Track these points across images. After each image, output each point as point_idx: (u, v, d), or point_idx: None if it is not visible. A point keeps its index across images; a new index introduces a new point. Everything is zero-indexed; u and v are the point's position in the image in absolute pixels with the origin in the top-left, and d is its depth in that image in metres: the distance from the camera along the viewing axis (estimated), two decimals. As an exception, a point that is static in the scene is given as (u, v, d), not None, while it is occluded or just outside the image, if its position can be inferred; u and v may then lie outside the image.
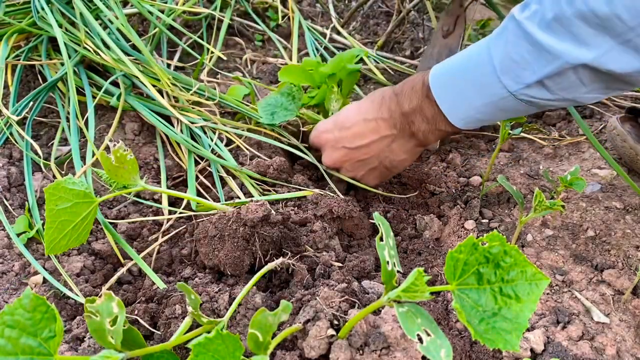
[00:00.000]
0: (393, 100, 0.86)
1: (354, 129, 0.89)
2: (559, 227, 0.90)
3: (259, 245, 0.75)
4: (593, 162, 1.06)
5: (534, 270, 0.52)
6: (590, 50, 0.63)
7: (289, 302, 0.57)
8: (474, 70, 0.75)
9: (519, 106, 0.73)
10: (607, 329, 0.73)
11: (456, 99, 0.78)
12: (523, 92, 0.71)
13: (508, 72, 0.70)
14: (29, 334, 0.49)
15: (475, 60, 0.74)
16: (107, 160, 0.71)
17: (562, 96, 0.70)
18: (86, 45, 1.11)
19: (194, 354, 0.49)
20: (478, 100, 0.75)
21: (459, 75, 0.77)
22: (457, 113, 0.79)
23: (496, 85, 0.72)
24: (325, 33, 1.48)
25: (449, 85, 0.78)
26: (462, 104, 0.77)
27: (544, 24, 0.65)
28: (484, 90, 0.74)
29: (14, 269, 0.80)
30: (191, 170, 0.97)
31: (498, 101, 0.73)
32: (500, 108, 0.75)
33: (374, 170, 0.92)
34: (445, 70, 0.79)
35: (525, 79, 0.69)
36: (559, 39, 0.64)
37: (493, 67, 0.71)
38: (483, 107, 0.75)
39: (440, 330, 0.51)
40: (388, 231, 0.58)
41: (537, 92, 0.70)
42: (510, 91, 0.71)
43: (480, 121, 0.79)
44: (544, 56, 0.66)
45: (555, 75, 0.67)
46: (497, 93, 0.73)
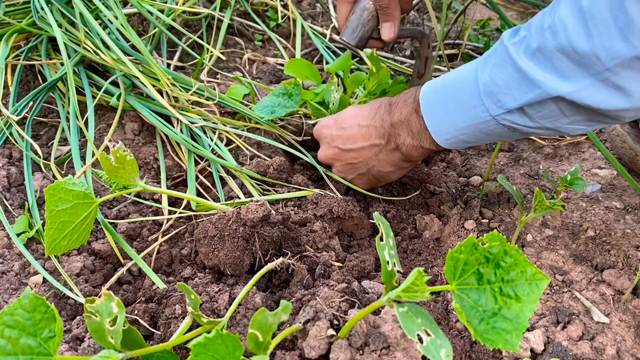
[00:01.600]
0: (387, 110, 0.86)
1: (348, 131, 0.90)
2: (559, 227, 0.90)
3: (259, 245, 0.75)
4: (593, 162, 1.06)
5: (534, 270, 0.52)
6: (571, 84, 0.63)
7: (289, 302, 0.57)
8: (460, 90, 0.75)
9: (501, 131, 0.73)
10: (607, 329, 0.73)
11: (443, 117, 0.78)
12: (504, 117, 0.71)
13: (491, 95, 0.70)
14: (28, 334, 0.49)
15: (464, 80, 0.75)
16: (107, 160, 0.71)
17: (543, 125, 0.70)
18: (86, 45, 1.11)
19: (194, 354, 0.49)
20: (462, 122, 0.75)
21: (447, 93, 0.77)
22: (442, 132, 0.78)
23: (479, 108, 0.72)
24: (325, 33, 1.48)
25: (437, 102, 0.78)
26: (447, 123, 0.77)
27: (529, 52, 0.65)
28: (468, 112, 0.74)
29: (14, 269, 0.80)
30: (191, 170, 0.97)
31: (480, 124, 0.73)
32: (483, 131, 0.75)
33: (363, 175, 0.93)
34: (435, 87, 0.79)
35: (507, 104, 0.69)
36: (541, 69, 0.64)
37: (477, 89, 0.72)
38: (467, 129, 0.75)
39: (440, 330, 0.51)
40: (388, 231, 0.58)
41: (519, 118, 0.70)
42: (492, 115, 0.71)
43: (465, 142, 0.78)
44: (525, 83, 0.66)
45: (535, 104, 0.67)
46: (479, 116, 0.73)
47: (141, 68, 1.10)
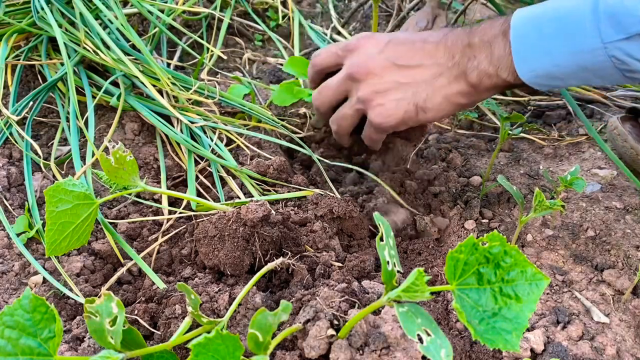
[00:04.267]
0: (464, 31, 0.75)
1: (407, 45, 0.77)
2: (559, 227, 0.90)
3: (259, 245, 0.75)
4: (593, 162, 1.06)
5: (534, 270, 0.52)
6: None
7: (289, 302, 0.57)
8: (569, 12, 0.65)
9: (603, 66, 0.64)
10: (607, 329, 0.73)
11: (536, 43, 0.67)
12: (618, 46, 0.62)
13: (612, 17, 0.61)
14: (28, 334, 0.49)
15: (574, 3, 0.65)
16: (107, 161, 0.71)
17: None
18: (85, 45, 1.11)
19: (194, 354, 0.49)
20: (561, 50, 0.66)
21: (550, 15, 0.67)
22: (530, 61, 0.68)
23: (590, 34, 0.63)
24: (325, 33, 1.48)
25: (532, 25, 0.68)
26: (539, 51, 0.67)
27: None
28: (573, 39, 0.65)
29: (14, 269, 0.80)
30: (191, 170, 0.97)
31: (584, 54, 0.64)
32: (581, 65, 0.66)
33: (400, 102, 0.77)
34: (534, 10, 0.69)
35: (630, 28, 0.61)
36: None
37: (596, 11, 0.63)
38: (564, 59, 0.66)
39: (440, 330, 0.51)
40: (388, 231, 0.58)
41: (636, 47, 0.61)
42: (604, 42, 0.62)
43: (551, 78, 0.69)
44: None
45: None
46: (586, 43, 0.64)
47: (141, 68, 1.10)
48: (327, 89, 0.85)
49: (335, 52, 0.83)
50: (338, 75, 0.83)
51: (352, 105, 0.82)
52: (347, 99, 0.84)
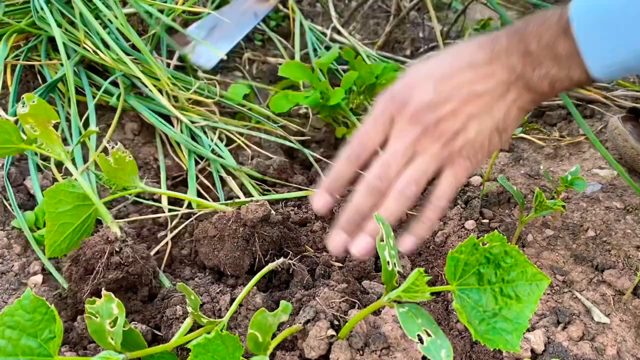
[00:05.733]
0: (513, 38, 0.66)
1: (460, 75, 0.66)
2: (559, 227, 0.90)
3: (259, 245, 0.75)
4: (593, 162, 1.06)
5: (535, 270, 0.52)
6: None
7: (289, 303, 0.57)
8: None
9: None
10: (607, 329, 0.73)
11: (608, 36, 0.60)
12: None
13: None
14: (29, 334, 0.49)
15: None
16: (106, 162, 0.71)
17: None
18: (85, 45, 1.11)
19: (194, 355, 0.49)
20: (636, 37, 0.58)
21: (620, 5, 0.59)
22: (602, 56, 0.61)
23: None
24: (325, 33, 1.48)
25: (600, 18, 0.60)
26: (613, 43, 0.60)
27: None
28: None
29: (14, 269, 0.80)
30: (192, 170, 0.97)
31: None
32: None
33: (482, 134, 0.66)
34: (597, 1, 0.61)
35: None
36: None
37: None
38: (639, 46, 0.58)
39: (440, 330, 0.51)
40: (388, 231, 0.58)
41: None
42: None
43: (627, 70, 0.62)
44: None
45: None
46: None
47: (141, 68, 1.10)
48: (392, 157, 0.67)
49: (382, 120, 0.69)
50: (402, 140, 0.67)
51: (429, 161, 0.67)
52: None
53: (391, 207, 0.66)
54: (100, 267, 0.67)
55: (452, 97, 0.66)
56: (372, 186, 0.67)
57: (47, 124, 0.70)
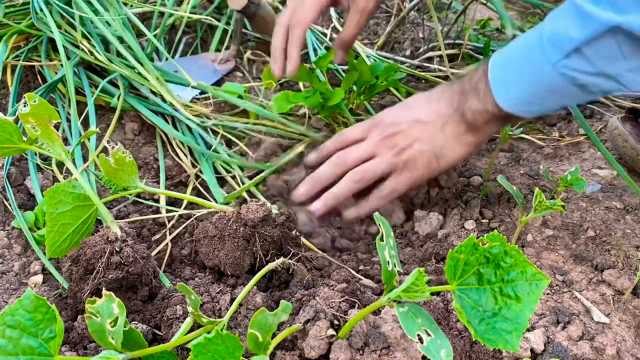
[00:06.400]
0: (457, 81, 0.86)
1: (417, 109, 0.88)
2: (559, 227, 0.90)
3: (259, 245, 0.75)
4: (593, 162, 1.06)
5: (534, 270, 0.52)
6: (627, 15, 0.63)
7: (289, 302, 0.58)
8: (527, 45, 0.76)
9: (561, 84, 0.72)
10: (607, 329, 0.73)
11: (507, 76, 0.78)
12: (564, 64, 0.70)
13: (551, 42, 0.71)
14: (29, 334, 0.49)
15: (531, 36, 0.75)
16: (106, 162, 0.71)
17: (602, 70, 0.69)
18: (83, 46, 1.12)
19: (194, 355, 0.49)
20: (525, 77, 0.75)
21: (515, 51, 0.78)
22: (505, 91, 0.78)
23: (541, 58, 0.72)
24: (325, 33, 1.48)
25: (504, 62, 0.79)
26: (511, 81, 0.77)
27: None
28: (531, 65, 0.74)
29: (14, 269, 0.80)
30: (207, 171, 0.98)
31: (542, 76, 0.73)
32: (546, 87, 0.74)
33: (422, 155, 0.86)
34: (505, 48, 0.80)
35: (565, 47, 0.69)
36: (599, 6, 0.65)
37: (542, 39, 0.72)
38: (529, 84, 0.75)
39: (440, 330, 0.51)
40: (388, 231, 0.58)
41: (577, 63, 0.69)
42: (552, 62, 0.71)
43: (528, 104, 0.77)
44: (582, 19, 0.67)
45: (593, 41, 0.67)
46: (541, 66, 0.73)
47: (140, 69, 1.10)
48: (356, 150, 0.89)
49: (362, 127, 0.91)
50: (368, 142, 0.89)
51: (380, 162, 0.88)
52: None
53: (340, 185, 0.87)
54: (100, 267, 0.67)
55: (406, 122, 0.87)
56: (333, 163, 0.89)
57: (48, 124, 0.70)
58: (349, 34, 0.99)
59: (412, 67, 1.38)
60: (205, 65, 1.29)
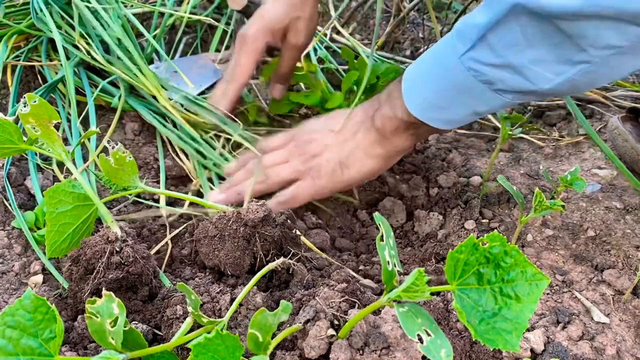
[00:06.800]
0: (379, 94, 0.85)
1: (336, 118, 0.89)
2: (559, 227, 0.90)
3: (260, 245, 0.75)
4: (593, 162, 1.06)
5: (534, 270, 0.52)
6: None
7: (289, 302, 0.58)
8: (441, 44, 0.74)
9: (468, 81, 0.69)
10: (607, 329, 0.73)
11: (416, 79, 0.76)
12: (470, 56, 0.68)
13: (460, 34, 0.69)
14: (29, 334, 0.49)
15: (447, 36, 0.74)
16: (106, 162, 0.71)
17: (507, 60, 0.66)
18: (81, 47, 1.12)
19: (194, 355, 0.49)
20: (434, 75, 0.73)
21: (429, 54, 0.76)
22: (414, 94, 0.75)
23: (450, 52, 0.70)
24: (325, 33, 1.48)
25: (418, 65, 0.77)
26: (421, 82, 0.75)
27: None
28: (440, 62, 0.72)
29: (14, 269, 0.80)
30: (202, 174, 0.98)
31: (449, 73, 0.70)
32: (452, 86, 0.71)
33: (328, 164, 0.85)
34: (424, 54, 0.78)
35: (472, 35, 0.67)
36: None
37: (452, 34, 0.71)
38: (437, 83, 0.72)
39: (440, 330, 0.51)
40: (388, 231, 0.58)
41: (482, 53, 0.67)
42: (458, 54, 0.69)
43: (437, 107, 0.75)
44: (488, 3, 0.65)
45: (496, 25, 0.64)
46: (449, 62, 0.70)
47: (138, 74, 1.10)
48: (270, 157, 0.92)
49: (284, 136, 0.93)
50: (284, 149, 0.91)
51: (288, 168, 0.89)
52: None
53: (244, 184, 0.88)
54: (100, 267, 0.67)
55: (320, 130, 0.88)
56: (246, 169, 0.91)
57: (48, 124, 0.70)
58: (286, 67, 1.05)
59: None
60: (205, 65, 1.29)
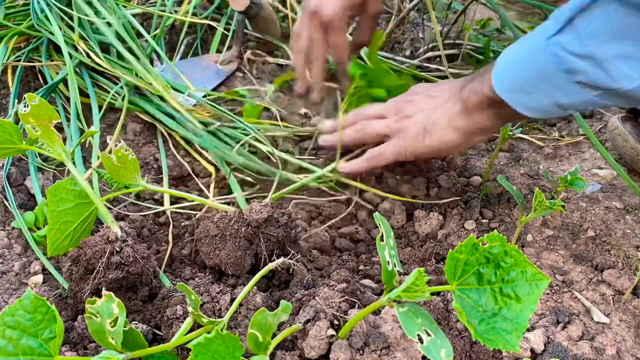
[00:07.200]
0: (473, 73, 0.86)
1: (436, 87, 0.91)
2: (559, 227, 0.90)
3: (264, 245, 0.75)
4: (593, 162, 1.06)
5: (534, 270, 0.52)
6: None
7: (289, 302, 0.58)
8: (534, 32, 0.73)
9: (552, 68, 0.68)
10: (607, 329, 0.73)
11: (507, 60, 0.75)
12: (556, 40, 0.67)
13: (554, 15, 0.68)
14: (29, 334, 0.49)
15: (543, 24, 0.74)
16: (109, 160, 0.71)
17: (590, 50, 0.64)
18: (80, 48, 1.12)
19: (194, 355, 0.49)
20: (523, 55, 0.73)
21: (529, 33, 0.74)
22: (502, 72, 0.75)
23: (541, 32, 0.69)
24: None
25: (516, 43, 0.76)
26: (511, 61, 0.75)
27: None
28: (531, 41, 0.71)
29: (14, 269, 0.80)
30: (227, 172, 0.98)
31: (536, 56, 0.70)
32: (537, 70, 0.70)
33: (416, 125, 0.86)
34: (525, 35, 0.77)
35: (562, 17, 0.66)
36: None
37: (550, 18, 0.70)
38: (524, 66, 0.72)
39: (440, 330, 0.51)
40: (388, 231, 0.58)
41: (568, 39, 0.66)
42: (547, 36, 0.68)
43: (520, 90, 0.73)
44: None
45: (585, 9, 0.64)
46: (538, 43, 0.69)
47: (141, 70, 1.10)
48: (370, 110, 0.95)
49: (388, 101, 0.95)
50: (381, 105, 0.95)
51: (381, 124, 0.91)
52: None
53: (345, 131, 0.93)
54: (100, 267, 0.67)
55: (421, 93, 0.91)
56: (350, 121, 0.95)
57: (49, 124, 0.70)
58: (366, 37, 1.03)
59: (412, 67, 1.38)
60: (208, 67, 1.29)
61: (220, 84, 1.26)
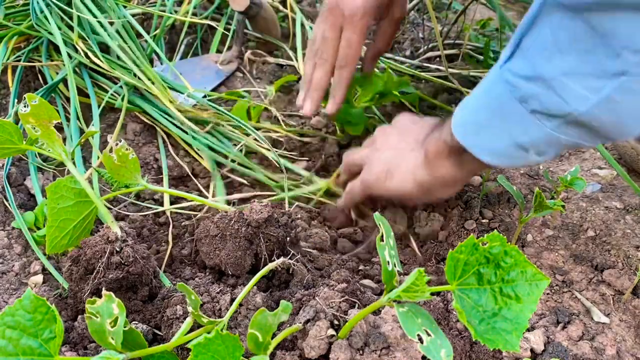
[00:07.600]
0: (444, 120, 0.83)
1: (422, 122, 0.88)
2: (559, 227, 0.90)
3: (265, 246, 0.75)
4: (593, 162, 1.06)
5: (534, 270, 0.52)
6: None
7: (289, 302, 0.58)
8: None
9: (505, 98, 0.62)
10: (607, 329, 0.73)
11: (470, 97, 0.71)
12: (507, 67, 0.62)
13: (509, 40, 0.63)
14: (29, 334, 0.49)
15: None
16: (110, 159, 0.71)
17: (538, 70, 0.58)
18: (79, 48, 1.12)
19: (194, 355, 0.49)
20: (479, 89, 0.68)
21: (472, 98, 0.72)
22: (462, 115, 0.71)
23: (497, 63, 0.65)
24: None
25: (462, 105, 0.73)
26: (470, 102, 0.70)
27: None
28: (489, 73, 0.67)
29: (14, 269, 0.80)
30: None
31: (489, 87, 0.66)
32: (490, 102, 0.66)
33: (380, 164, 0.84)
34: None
35: (513, 40, 0.61)
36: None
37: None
38: (479, 100, 0.68)
39: (440, 330, 0.51)
40: (388, 231, 0.58)
41: (517, 63, 0.61)
42: (500, 65, 0.63)
43: (477, 126, 0.69)
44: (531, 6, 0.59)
45: (531, 27, 0.59)
46: (492, 73, 0.65)
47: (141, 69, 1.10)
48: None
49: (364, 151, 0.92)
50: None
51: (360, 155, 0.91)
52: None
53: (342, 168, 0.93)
54: (100, 267, 0.67)
55: (399, 128, 0.89)
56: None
57: (49, 124, 0.70)
58: (386, 43, 0.99)
59: (412, 67, 1.38)
60: (208, 67, 1.29)
61: (220, 84, 1.26)
